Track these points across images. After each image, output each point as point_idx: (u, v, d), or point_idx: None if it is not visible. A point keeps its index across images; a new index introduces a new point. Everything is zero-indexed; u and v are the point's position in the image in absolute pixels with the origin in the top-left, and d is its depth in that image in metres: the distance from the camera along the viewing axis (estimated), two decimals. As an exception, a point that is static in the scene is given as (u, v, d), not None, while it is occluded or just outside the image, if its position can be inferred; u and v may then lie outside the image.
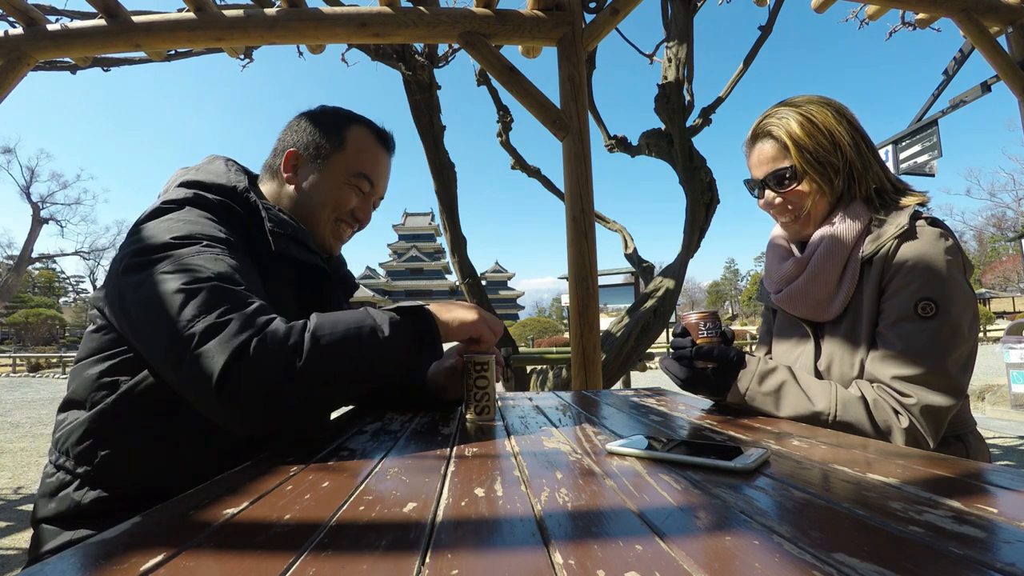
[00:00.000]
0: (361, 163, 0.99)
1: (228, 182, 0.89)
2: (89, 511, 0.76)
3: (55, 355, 17.64)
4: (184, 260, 0.73)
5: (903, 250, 0.87)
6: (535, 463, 0.60)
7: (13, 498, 3.46)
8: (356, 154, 0.99)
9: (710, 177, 3.72)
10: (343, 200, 0.99)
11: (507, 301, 67.16)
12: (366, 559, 0.35)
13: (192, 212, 0.82)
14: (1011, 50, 3.17)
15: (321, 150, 0.98)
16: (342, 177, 0.98)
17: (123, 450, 0.77)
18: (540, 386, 4.29)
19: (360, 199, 1.01)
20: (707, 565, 0.33)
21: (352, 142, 0.99)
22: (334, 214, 1.00)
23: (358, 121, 1.02)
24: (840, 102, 0.99)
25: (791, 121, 0.96)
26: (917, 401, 0.81)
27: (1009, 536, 0.37)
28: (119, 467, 0.77)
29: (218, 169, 0.93)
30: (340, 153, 0.98)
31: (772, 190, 1.00)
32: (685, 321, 0.96)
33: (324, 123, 1.00)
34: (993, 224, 41.70)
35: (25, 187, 29.64)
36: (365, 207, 1.03)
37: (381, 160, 1.03)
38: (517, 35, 2.52)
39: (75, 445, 0.78)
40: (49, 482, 0.80)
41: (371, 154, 1.01)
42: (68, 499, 0.77)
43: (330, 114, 1.02)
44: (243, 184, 0.90)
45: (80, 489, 0.77)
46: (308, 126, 0.99)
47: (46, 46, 2.62)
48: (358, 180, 0.99)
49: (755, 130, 1.03)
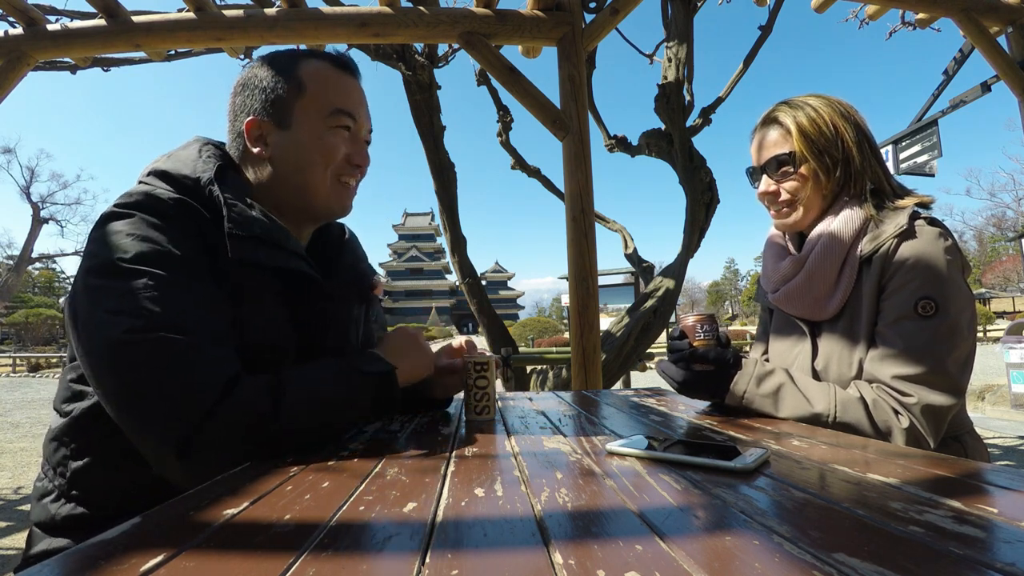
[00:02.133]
0: (330, 98, 0.85)
1: (192, 172, 0.77)
2: (64, 524, 0.74)
3: (55, 355, 17.64)
4: (127, 298, 0.66)
5: (902, 249, 0.87)
6: (535, 463, 0.60)
7: (13, 498, 3.46)
8: (321, 91, 0.84)
9: (710, 177, 3.71)
10: (330, 149, 0.84)
11: (507, 301, 67.15)
12: (366, 559, 0.35)
13: (141, 223, 0.71)
14: (1011, 50, 3.17)
15: (280, 104, 0.83)
16: (318, 123, 0.84)
17: (94, 463, 0.74)
18: (540, 386, 4.29)
19: (348, 141, 0.87)
20: (707, 565, 0.33)
21: (311, 80, 0.84)
22: (328, 171, 0.85)
23: (307, 55, 0.87)
24: (851, 104, 1.00)
25: (799, 111, 0.98)
26: (918, 401, 0.81)
27: (1009, 536, 0.37)
28: (91, 480, 0.74)
29: (188, 156, 0.81)
30: (302, 98, 0.84)
31: (770, 176, 1.02)
32: (682, 324, 0.96)
33: (272, 74, 0.85)
34: (993, 224, 41.71)
35: (25, 187, 29.63)
36: (358, 147, 0.88)
37: (351, 88, 0.88)
38: (517, 35, 2.52)
39: (52, 455, 0.76)
40: (38, 486, 0.79)
41: (338, 85, 0.86)
42: (46, 510, 0.76)
43: (274, 60, 0.87)
44: (208, 175, 0.77)
45: (56, 501, 0.75)
46: (255, 84, 0.85)
47: (46, 46, 2.62)
48: (336, 118, 0.85)
49: (764, 117, 1.05)
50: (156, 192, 0.74)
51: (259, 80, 0.85)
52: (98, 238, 0.71)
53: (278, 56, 0.88)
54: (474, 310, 4.09)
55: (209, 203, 0.76)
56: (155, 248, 0.70)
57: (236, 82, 0.88)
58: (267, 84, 0.84)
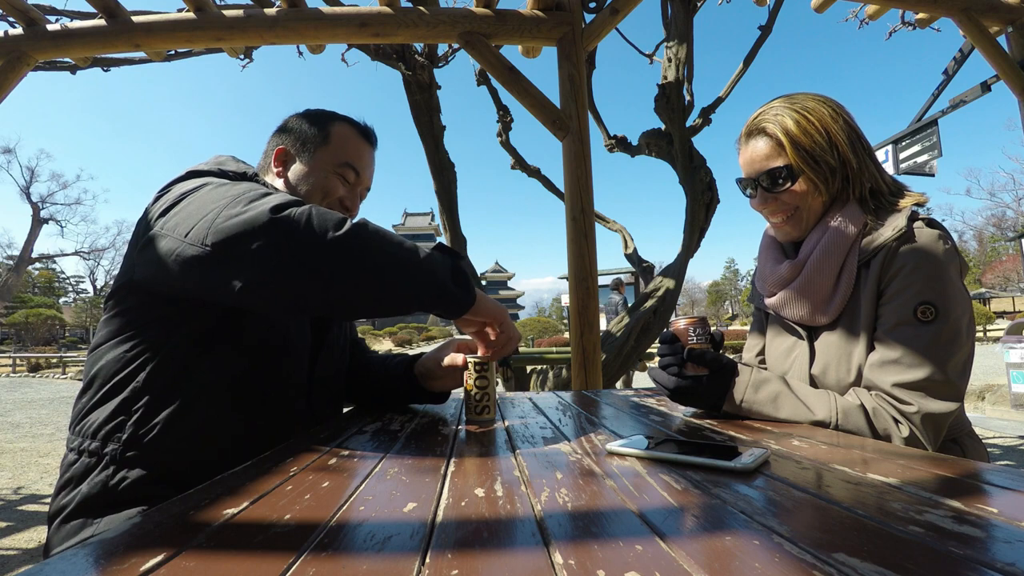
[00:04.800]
0: (345, 154, 1.05)
1: (239, 169, 0.95)
2: (124, 495, 0.77)
3: (55, 355, 17.64)
4: (226, 185, 0.78)
5: (901, 252, 0.86)
6: (535, 463, 0.60)
7: (13, 498, 3.46)
8: (340, 146, 1.05)
9: (710, 177, 3.71)
10: (330, 188, 1.03)
11: (507, 301, 67.15)
12: (366, 559, 0.35)
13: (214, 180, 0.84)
14: (1011, 50, 3.17)
15: (307, 145, 1.04)
16: (329, 167, 1.04)
17: (162, 425, 0.79)
18: (540, 386, 4.29)
19: (347, 188, 1.06)
20: (707, 565, 0.33)
21: (336, 136, 1.05)
22: (323, 202, 1.03)
23: (341, 119, 1.09)
24: (836, 100, 0.96)
25: (786, 118, 0.93)
26: (918, 409, 0.80)
27: (1009, 536, 0.37)
28: (162, 443, 0.78)
29: (228, 162, 0.98)
30: (325, 147, 1.04)
31: (766, 190, 0.97)
32: (673, 327, 0.92)
33: (309, 122, 1.07)
34: (993, 224, 41.71)
35: (25, 187, 29.64)
36: (352, 196, 1.07)
37: (364, 151, 1.09)
38: (517, 35, 2.52)
39: (99, 428, 0.79)
40: (75, 469, 0.79)
41: (354, 145, 1.07)
42: (97, 483, 0.77)
43: (314, 114, 1.09)
44: (252, 171, 0.97)
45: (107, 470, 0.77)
46: (294, 127, 1.07)
47: (46, 46, 2.62)
48: (343, 169, 1.04)
49: (749, 127, 0.99)
50: (225, 170, 0.90)
51: (299, 125, 1.07)
52: (175, 187, 0.83)
53: (320, 112, 1.10)
54: (474, 310, 4.07)
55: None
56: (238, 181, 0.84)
57: (282, 123, 1.10)
58: (303, 130, 1.06)
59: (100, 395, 0.81)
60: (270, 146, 1.07)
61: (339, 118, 1.09)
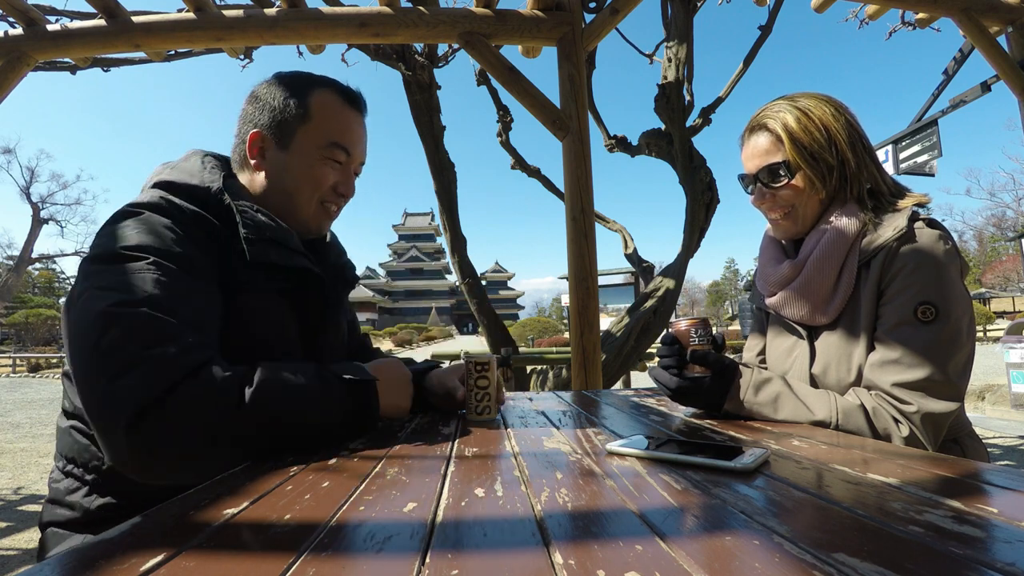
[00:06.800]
0: (331, 132, 0.89)
1: (201, 183, 0.82)
2: (97, 517, 0.77)
3: (55, 355, 17.63)
4: (121, 277, 0.67)
5: (902, 252, 0.86)
6: (535, 463, 0.60)
7: (13, 498, 3.46)
8: (324, 121, 0.89)
9: (710, 177, 3.72)
10: (320, 178, 0.90)
11: (507, 301, 67.16)
12: (366, 559, 0.35)
13: (152, 219, 0.74)
14: (1011, 50, 3.17)
15: (285, 126, 0.88)
16: (314, 152, 0.89)
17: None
18: (540, 386, 4.29)
19: (338, 172, 0.92)
20: (707, 565, 0.33)
21: (317, 108, 0.89)
22: (315, 195, 0.91)
23: (320, 84, 0.91)
24: (840, 100, 0.97)
25: (787, 115, 0.95)
26: (918, 409, 0.80)
27: (1009, 536, 0.37)
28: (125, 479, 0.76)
29: (192, 168, 0.85)
30: (306, 125, 0.88)
31: (764, 185, 0.98)
32: (675, 328, 0.92)
33: (284, 92, 0.89)
34: (993, 224, 41.68)
35: (25, 187, 29.62)
36: (346, 179, 0.94)
37: (353, 122, 0.93)
38: (517, 35, 2.52)
39: (81, 452, 0.78)
40: (57, 487, 0.80)
41: (341, 119, 0.91)
42: (78, 505, 0.77)
43: (289, 80, 0.91)
44: (217, 184, 0.83)
45: (89, 496, 0.77)
46: (267, 100, 0.89)
47: (46, 46, 2.62)
48: (331, 151, 0.89)
49: (751, 123, 1.01)
50: (171, 199, 0.78)
51: (271, 97, 0.89)
52: (105, 232, 0.74)
53: (295, 78, 0.92)
54: (474, 310, 4.09)
55: (220, 211, 0.81)
56: (158, 241, 0.72)
57: (252, 91, 0.93)
58: (278, 104, 0.89)
59: (77, 421, 0.80)
60: (242, 127, 0.91)
61: (318, 83, 0.91)
